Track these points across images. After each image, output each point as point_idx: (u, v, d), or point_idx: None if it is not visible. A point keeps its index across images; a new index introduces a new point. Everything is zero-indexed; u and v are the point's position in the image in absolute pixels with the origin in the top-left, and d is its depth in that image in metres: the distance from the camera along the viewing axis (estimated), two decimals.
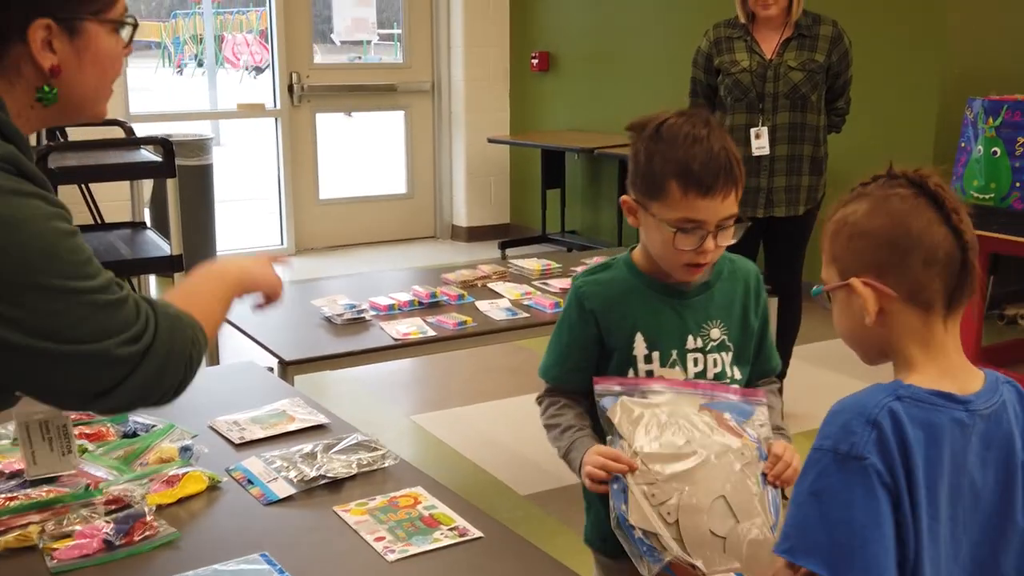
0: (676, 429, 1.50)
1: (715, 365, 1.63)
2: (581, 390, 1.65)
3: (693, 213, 1.53)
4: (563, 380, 1.68)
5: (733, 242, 1.59)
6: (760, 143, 3.53)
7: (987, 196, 3.88)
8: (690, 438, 1.49)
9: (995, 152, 3.80)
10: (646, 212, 1.58)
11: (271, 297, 1.57)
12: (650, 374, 1.61)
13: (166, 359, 1.23)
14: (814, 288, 1.26)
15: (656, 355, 1.61)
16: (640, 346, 1.61)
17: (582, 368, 1.65)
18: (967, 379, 1.17)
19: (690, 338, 1.62)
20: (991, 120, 3.80)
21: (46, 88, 1.21)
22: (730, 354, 1.64)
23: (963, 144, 4.00)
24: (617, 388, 1.56)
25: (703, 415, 1.53)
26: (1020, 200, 3.74)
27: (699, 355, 1.62)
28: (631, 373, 1.62)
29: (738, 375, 1.65)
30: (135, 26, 1.28)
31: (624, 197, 1.63)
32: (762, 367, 1.73)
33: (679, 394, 1.56)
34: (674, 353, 1.61)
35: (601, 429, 1.59)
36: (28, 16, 1.17)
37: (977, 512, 1.15)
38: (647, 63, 6.14)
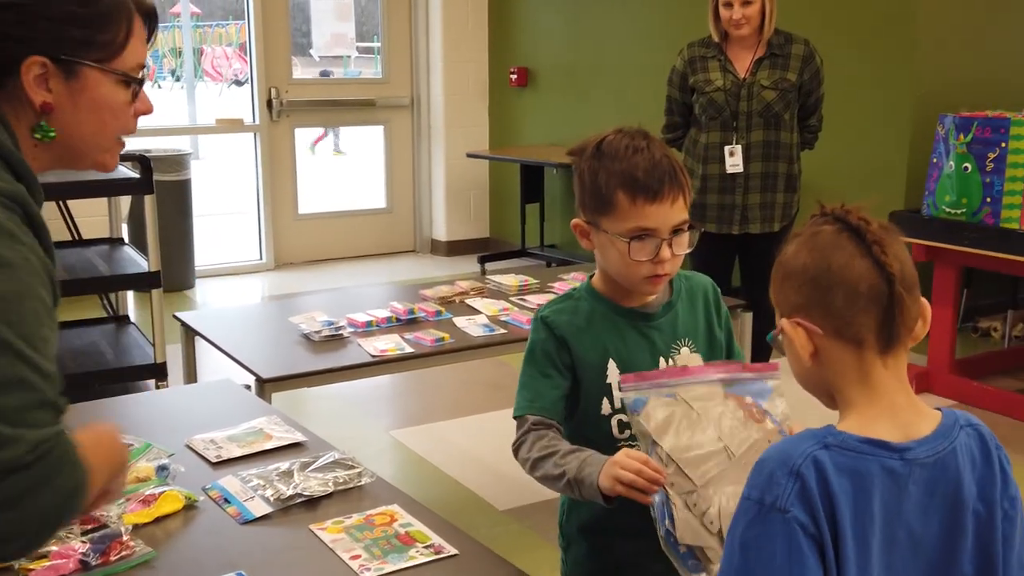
0: (707, 426, 1.45)
1: None
2: (563, 420, 1.62)
3: (644, 221, 1.54)
4: (547, 409, 1.59)
5: (689, 250, 1.60)
6: (734, 160, 3.59)
7: (959, 211, 3.93)
8: (721, 434, 1.44)
9: (966, 168, 3.86)
10: (598, 231, 1.59)
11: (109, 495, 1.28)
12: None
13: (28, 497, 1.03)
14: (768, 335, 1.25)
15: None
16: (613, 373, 1.60)
17: (564, 396, 1.61)
18: (913, 421, 1.14)
19: (662, 360, 1.63)
20: (962, 136, 3.86)
21: (43, 124, 1.21)
22: None
23: (935, 160, 4.05)
24: (645, 385, 1.48)
25: (729, 403, 1.48)
26: (991, 215, 3.79)
27: None
28: (605, 402, 1.61)
29: None
30: (140, 83, 1.26)
31: (575, 221, 1.64)
32: None
33: (705, 384, 1.50)
34: None
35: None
36: (24, 52, 1.17)
37: (918, 560, 1.13)
38: (625, 78, 6.19)
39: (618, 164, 1.55)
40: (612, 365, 1.61)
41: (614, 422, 1.61)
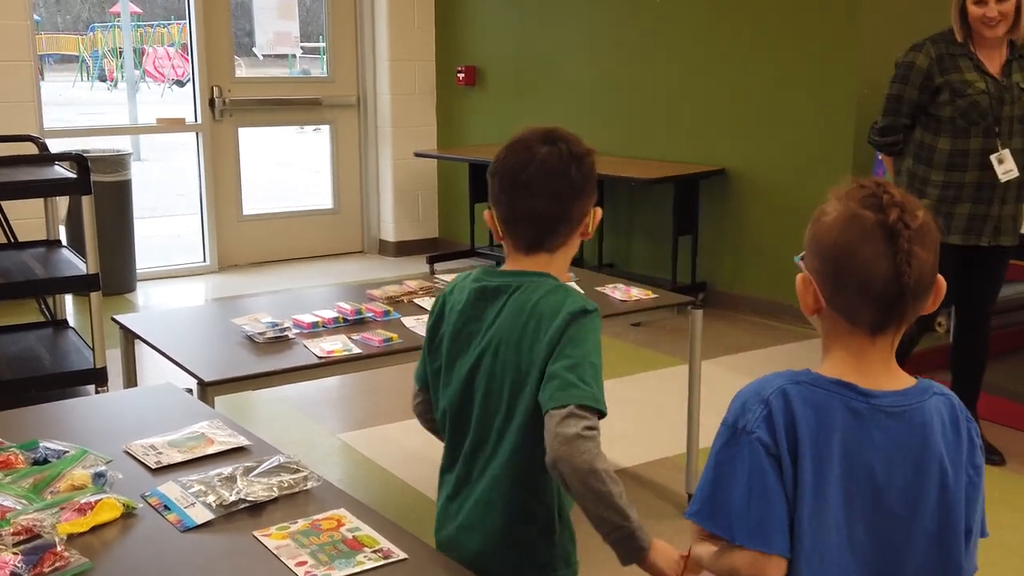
0: None
1: None
2: None
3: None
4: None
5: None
6: (1007, 167, 3.27)
7: None
8: None
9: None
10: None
11: None
12: None
13: None
14: (796, 256, 1.32)
15: None
16: None
17: None
18: (885, 380, 1.24)
19: None
20: None
21: None
22: None
23: (880, 157, 4.09)
24: None
25: None
26: None
27: None
28: None
29: None
30: None
31: (485, 213, 1.68)
32: None
33: None
34: None
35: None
36: None
37: (880, 508, 1.21)
38: (573, 77, 6.19)
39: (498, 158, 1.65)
40: None
41: None
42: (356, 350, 2.64)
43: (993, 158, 3.28)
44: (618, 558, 1.50)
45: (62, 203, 5.02)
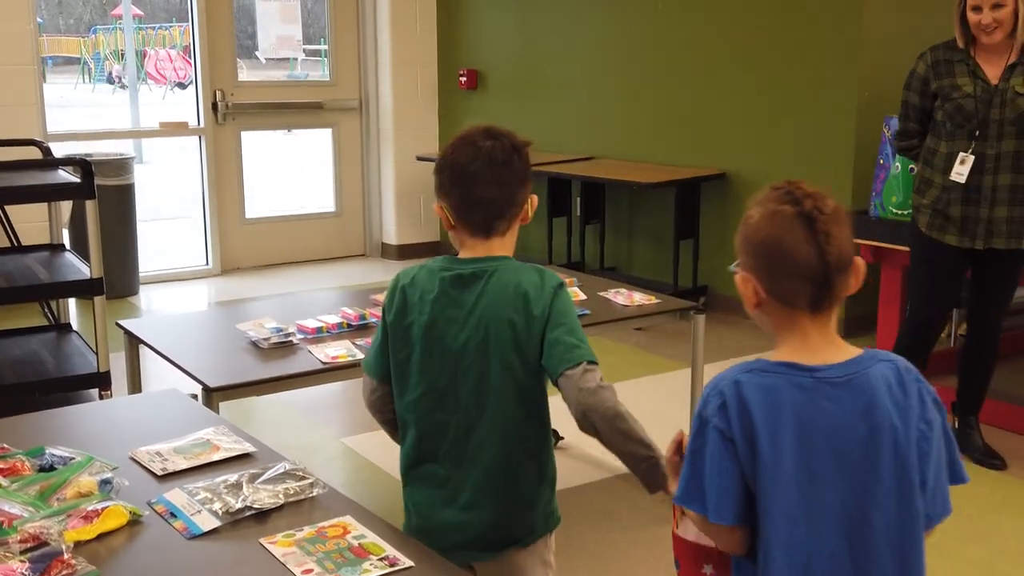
0: None
1: None
2: None
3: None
4: None
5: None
6: (960, 170, 3.31)
7: (905, 212, 3.98)
8: None
9: (912, 169, 3.90)
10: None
11: None
12: None
13: None
14: (730, 266, 1.47)
15: None
16: None
17: None
18: (830, 355, 1.39)
19: None
20: None
21: None
22: None
23: (881, 161, 4.10)
24: None
25: None
26: None
27: None
28: None
29: None
30: None
31: (435, 206, 1.85)
32: None
33: None
34: None
35: None
36: None
37: (840, 471, 1.35)
38: (574, 81, 6.20)
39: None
40: None
41: None
42: (360, 355, 2.64)
43: (958, 158, 3.33)
44: (647, 488, 1.72)
45: (65, 207, 5.02)
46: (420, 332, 1.78)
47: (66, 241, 4.75)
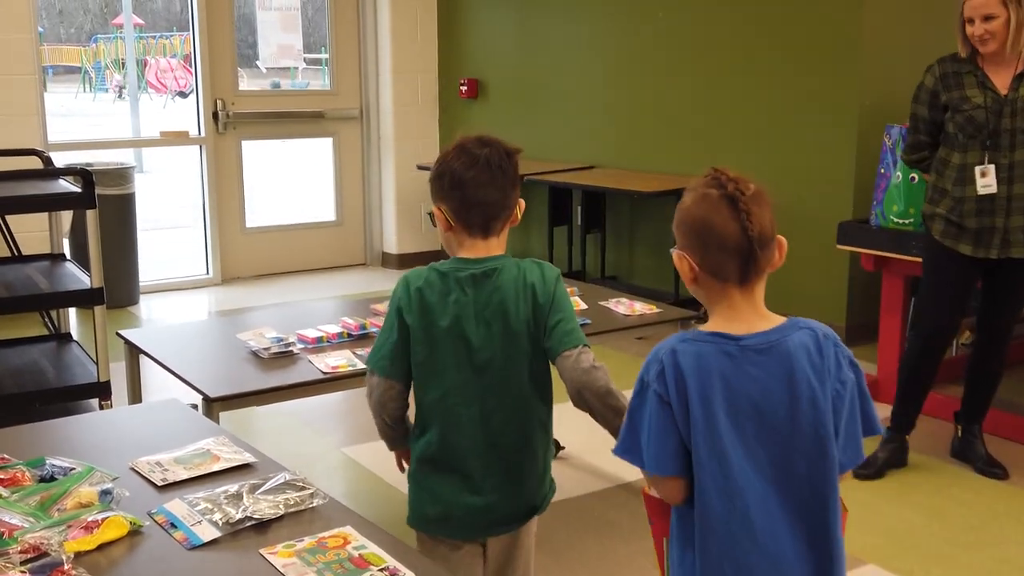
0: None
1: None
2: None
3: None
4: None
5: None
6: (986, 181, 3.31)
7: (906, 221, 3.98)
8: None
9: (913, 178, 3.91)
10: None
11: None
12: None
13: None
14: (671, 248, 1.62)
15: None
16: None
17: None
18: (756, 324, 1.56)
19: None
20: None
21: None
22: None
23: (882, 170, 4.10)
24: None
25: None
26: None
27: None
28: None
29: None
30: None
31: (434, 210, 1.97)
32: None
33: None
34: None
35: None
36: None
37: (764, 427, 1.53)
38: (574, 90, 6.20)
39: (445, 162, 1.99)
40: None
41: None
42: (360, 365, 2.64)
43: (977, 170, 3.33)
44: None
45: (66, 217, 5.02)
46: (443, 331, 1.91)
47: (66, 251, 4.74)
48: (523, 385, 1.94)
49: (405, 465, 2.13)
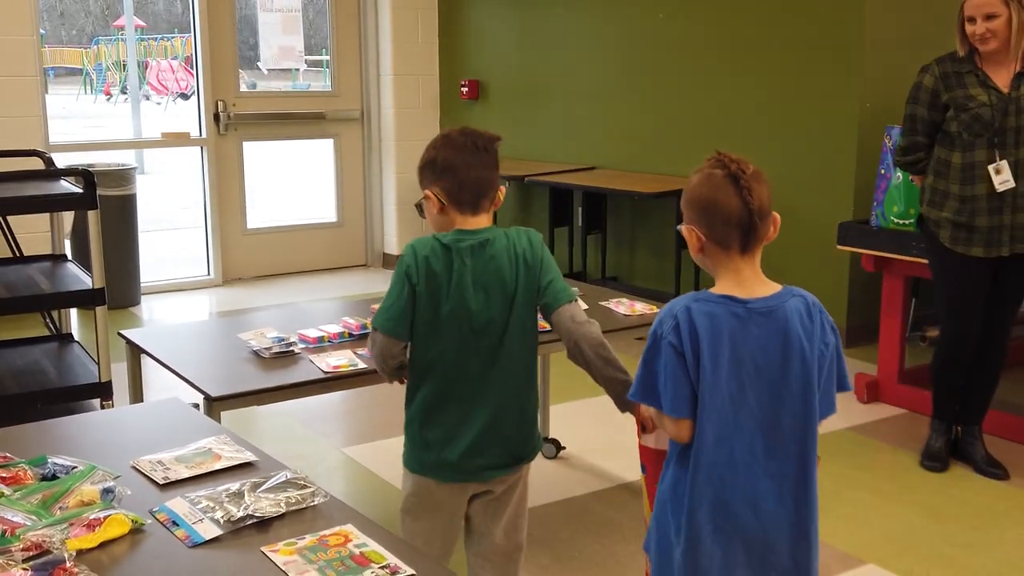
0: None
1: None
2: None
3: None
4: None
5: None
6: (1003, 177, 3.32)
7: (906, 222, 3.98)
8: None
9: (913, 179, 3.91)
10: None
11: None
12: None
13: None
14: (678, 226, 1.84)
15: None
16: None
17: None
18: (756, 289, 1.77)
19: None
20: None
21: None
22: None
23: (882, 171, 4.11)
24: None
25: None
26: None
27: None
28: None
29: None
30: None
31: (427, 192, 2.26)
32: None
33: None
34: None
35: None
36: None
37: (761, 379, 1.75)
38: (575, 91, 6.21)
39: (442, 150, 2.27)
40: None
41: None
42: (361, 365, 2.64)
43: (991, 168, 3.34)
44: (619, 406, 2.12)
45: (67, 217, 5.03)
46: (449, 293, 2.10)
47: (68, 251, 4.75)
48: (518, 339, 2.14)
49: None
